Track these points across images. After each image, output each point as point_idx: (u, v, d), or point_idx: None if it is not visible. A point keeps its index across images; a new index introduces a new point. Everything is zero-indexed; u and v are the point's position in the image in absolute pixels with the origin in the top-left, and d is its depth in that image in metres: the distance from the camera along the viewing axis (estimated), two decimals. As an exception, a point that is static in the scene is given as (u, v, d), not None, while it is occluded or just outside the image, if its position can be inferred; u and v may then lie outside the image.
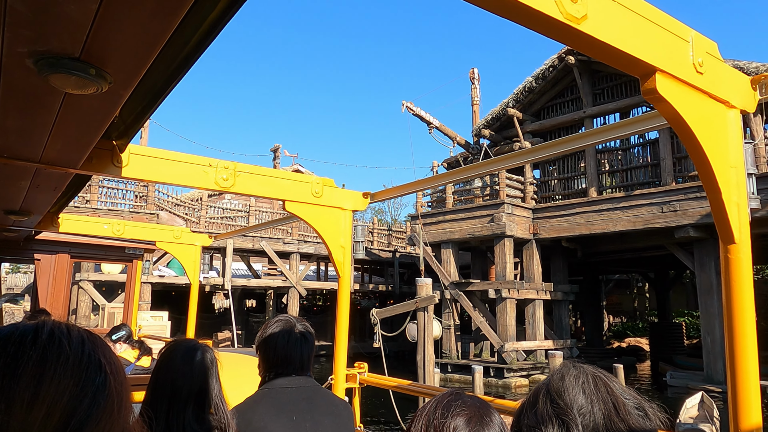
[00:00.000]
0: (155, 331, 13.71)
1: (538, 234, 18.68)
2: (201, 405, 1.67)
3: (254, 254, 22.97)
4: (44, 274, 5.88)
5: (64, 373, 0.65)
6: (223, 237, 5.60)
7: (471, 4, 1.00)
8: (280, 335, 1.98)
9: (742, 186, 1.39)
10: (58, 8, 0.93)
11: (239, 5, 1.13)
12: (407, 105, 20.16)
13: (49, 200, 2.87)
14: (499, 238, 18.12)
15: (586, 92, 18.91)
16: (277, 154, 27.69)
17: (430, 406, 0.95)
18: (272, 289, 23.53)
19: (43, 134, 1.65)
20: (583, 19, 1.08)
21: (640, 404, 0.93)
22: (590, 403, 0.89)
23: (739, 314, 1.34)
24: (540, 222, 18.77)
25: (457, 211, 19.51)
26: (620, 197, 16.84)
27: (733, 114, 1.42)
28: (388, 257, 27.30)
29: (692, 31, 1.33)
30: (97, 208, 18.19)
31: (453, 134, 21.76)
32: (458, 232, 19.24)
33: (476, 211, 18.88)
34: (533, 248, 18.89)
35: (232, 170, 2.65)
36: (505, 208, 18.11)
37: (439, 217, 20.07)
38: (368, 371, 3.63)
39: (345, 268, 3.12)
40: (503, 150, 20.67)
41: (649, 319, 32.60)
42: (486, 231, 18.28)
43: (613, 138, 2.24)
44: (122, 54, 1.13)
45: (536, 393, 0.96)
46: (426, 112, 20.90)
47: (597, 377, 0.94)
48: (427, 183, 3.25)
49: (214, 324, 25.28)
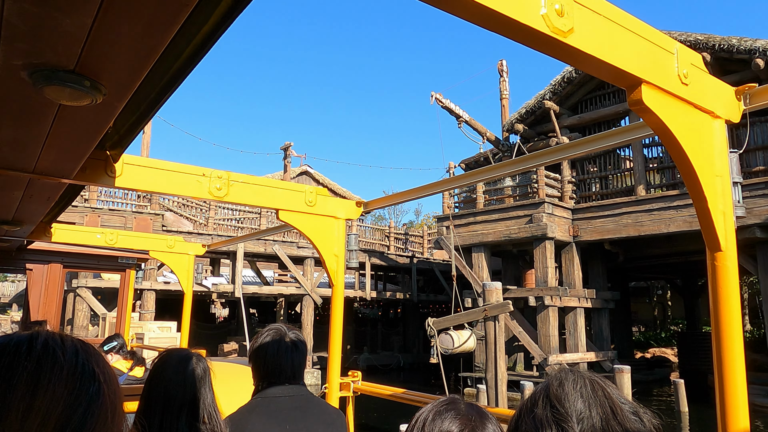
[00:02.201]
0: (164, 344, 12.10)
1: (579, 236, 17.10)
2: (194, 414, 1.67)
3: (265, 259, 21.55)
4: (36, 284, 5.85)
5: (58, 382, 0.66)
6: (216, 246, 5.59)
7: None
8: (271, 344, 1.98)
9: (727, 195, 1.42)
10: (53, 22, 0.95)
11: (232, 19, 1.15)
12: (436, 97, 18.47)
13: (42, 210, 2.87)
14: (539, 240, 16.46)
15: (611, 102, 17.81)
16: (288, 153, 26.20)
17: (425, 414, 0.95)
18: (283, 297, 22.03)
19: (37, 145, 1.66)
20: (570, 33, 1.10)
21: (635, 409, 0.94)
22: (588, 408, 0.89)
23: (726, 320, 1.36)
24: (580, 223, 17.16)
25: (489, 212, 17.87)
26: (674, 195, 15.18)
27: (718, 124, 1.45)
28: (406, 263, 25.40)
29: (677, 44, 1.36)
30: (97, 208, 17.18)
31: (483, 129, 20.16)
32: (492, 234, 17.63)
33: (512, 212, 17.28)
34: (573, 251, 17.22)
35: (225, 180, 2.66)
36: (545, 207, 16.45)
37: (469, 219, 18.32)
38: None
39: (338, 276, 3.13)
40: (537, 146, 19.13)
41: (671, 328, 31.47)
42: (524, 233, 16.71)
43: (606, 147, 2.26)
44: (117, 66, 1.14)
45: (534, 398, 0.95)
46: (456, 105, 19.11)
47: (594, 381, 0.94)
48: (429, 189, 3.03)
49: (218, 335, 23.97)
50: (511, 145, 20.28)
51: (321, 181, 34.13)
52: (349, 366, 23.40)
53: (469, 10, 1.00)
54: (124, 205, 18.42)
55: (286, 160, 26.25)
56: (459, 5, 0.99)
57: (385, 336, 27.57)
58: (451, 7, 1.01)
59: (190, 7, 0.94)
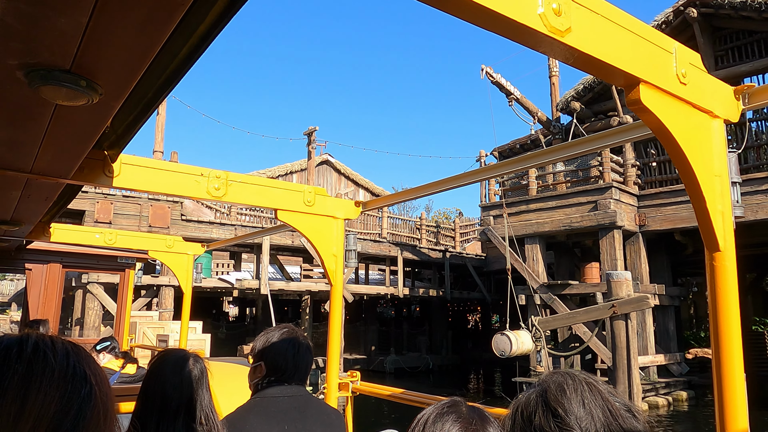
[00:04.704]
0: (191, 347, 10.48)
1: (646, 225, 15.09)
2: (191, 415, 1.66)
3: (290, 252, 19.88)
4: (36, 284, 5.85)
5: (50, 385, 0.66)
6: (217, 246, 5.59)
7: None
8: (292, 344, 1.97)
9: (726, 194, 1.42)
10: (48, 21, 0.94)
11: (228, 19, 1.14)
12: (487, 70, 16.82)
13: (41, 210, 2.86)
14: (606, 229, 14.58)
15: (707, 53, 15.59)
16: (312, 138, 23.95)
17: (426, 415, 0.95)
18: (309, 294, 20.17)
19: (34, 145, 1.66)
20: (567, 32, 1.10)
21: (627, 406, 0.93)
22: (590, 415, 0.88)
23: (725, 321, 1.36)
24: (648, 211, 15.10)
25: (545, 199, 15.84)
26: (763, 177, 13.37)
27: (716, 124, 1.44)
28: (438, 257, 23.33)
29: (675, 43, 1.35)
30: (109, 195, 15.51)
31: (535, 109, 18.53)
32: (548, 223, 15.58)
33: (572, 198, 15.25)
34: (639, 242, 15.27)
35: (224, 180, 2.66)
36: (612, 192, 14.47)
37: (520, 207, 16.28)
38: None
39: (337, 276, 3.13)
40: (594, 127, 17.41)
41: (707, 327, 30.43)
42: (587, 221, 14.77)
43: (603, 147, 2.25)
44: (113, 66, 1.14)
45: (529, 406, 0.93)
46: (507, 80, 17.41)
47: (591, 384, 0.93)
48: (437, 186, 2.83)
49: (233, 336, 22.61)
50: (563, 126, 18.73)
51: (342, 171, 32.46)
52: (374, 369, 22.49)
53: (466, 9, 0.99)
54: (140, 192, 16.19)
55: (310, 146, 24.12)
56: (456, 5, 0.99)
57: (410, 336, 25.91)
58: (448, 7, 1.00)
59: (185, 6, 0.94)
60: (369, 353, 24.63)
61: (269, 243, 17.57)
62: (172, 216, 16.39)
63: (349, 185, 32.53)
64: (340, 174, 32.62)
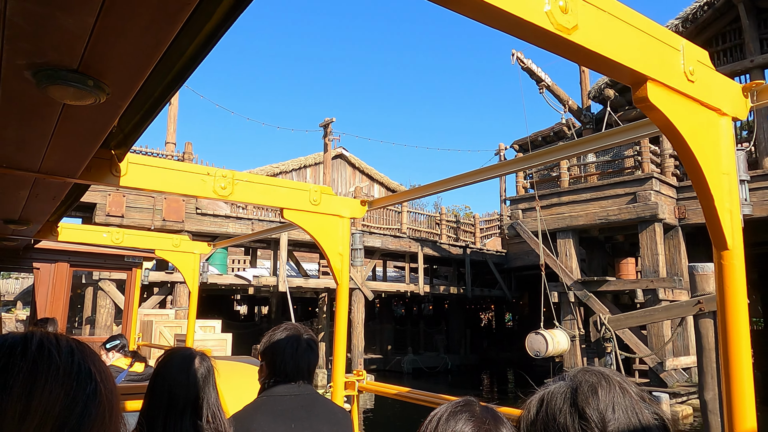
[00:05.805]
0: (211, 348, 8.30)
1: (686, 218, 14.32)
2: (198, 414, 1.67)
3: (307, 248, 19.23)
4: (43, 283, 5.89)
5: (54, 383, 0.66)
6: (222, 245, 5.60)
7: (463, 16, 1.02)
8: (290, 343, 1.98)
9: (734, 193, 1.41)
10: (56, 21, 0.95)
11: (234, 18, 1.15)
12: (518, 55, 16.28)
13: (49, 209, 2.88)
14: (646, 222, 13.76)
15: (753, 36, 14.83)
16: (329, 130, 22.91)
17: (440, 413, 0.94)
18: (327, 292, 19.40)
19: (41, 144, 1.67)
20: (574, 30, 1.09)
21: (640, 393, 0.90)
22: (617, 420, 0.84)
23: (733, 319, 1.35)
24: (687, 203, 14.37)
25: (578, 191, 15.00)
26: None
27: (724, 121, 1.43)
28: (459, 254, 22.42)
29: (683, 40, 1.34)
30: (122, 186, 15.17)
31: (566, 97, 18.07)
32: (583, 217, 14.75)
33: (608, 190, 14.44)
34: (679, 236, 14.42)
35: (230, 179, 2.66)
36: (652, 183, 13.68)
37: (552, 199, 15.45)
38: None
39: (343, 275, 3.13)
40: (628, 116, 16.72)
41: None
42: (626, 214, 13.97)
43: (611, 145, 2.23)
44: (120, 65, 1.14)
45: (556, 399, 0.89)
46: (538, 66, 16.77)
47: (624, 388, 0.88)
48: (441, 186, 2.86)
49: (244, 334, 21.56)
50: (593, 115, 18.18)
51: (357, 165, 31.62)
52: (391, 369, 22.01)
53: (474, 8, 0.99)
54: (149, 190, 16.62)
55: (327, 138, 23.07)
56: (463, 3, 0.99)
57: (426, 335, 25.15)
58: (456, 5, 1.00)
59: (191, 5, 0.94)
60: (385, 353, 24.06)
61: (287, 238, 16.96)
62: (186, 209, 15.84)
63: (364, 180, 31.70)
64: (354, 168, 31.81)
